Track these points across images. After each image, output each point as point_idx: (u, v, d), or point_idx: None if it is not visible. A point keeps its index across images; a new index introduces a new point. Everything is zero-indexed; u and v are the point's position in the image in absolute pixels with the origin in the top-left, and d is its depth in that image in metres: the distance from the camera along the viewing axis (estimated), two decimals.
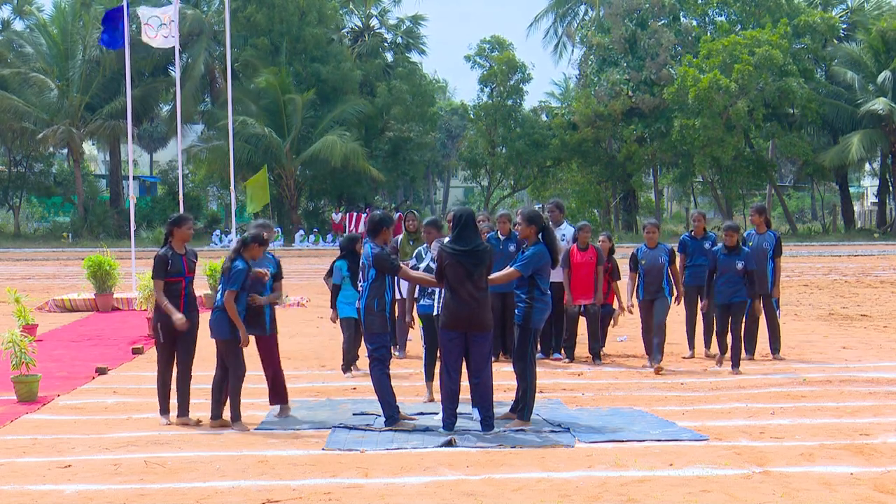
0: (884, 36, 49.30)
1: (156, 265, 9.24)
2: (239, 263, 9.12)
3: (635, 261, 12.68)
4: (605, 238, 13.33)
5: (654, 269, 12.46)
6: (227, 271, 9.11)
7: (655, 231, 12.77)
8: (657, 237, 12.78)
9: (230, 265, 9.12)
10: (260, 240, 9.28)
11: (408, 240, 13.32)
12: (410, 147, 54.31)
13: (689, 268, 13.12)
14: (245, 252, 9.20)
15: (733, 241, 12.00)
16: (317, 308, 19.71)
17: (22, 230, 53.54)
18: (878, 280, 25.73)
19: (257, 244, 9.26)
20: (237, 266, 9.09)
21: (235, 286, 9.04)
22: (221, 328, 9.08)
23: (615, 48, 51.63)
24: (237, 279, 9.05)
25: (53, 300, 19.77)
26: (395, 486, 7.09)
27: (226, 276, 9.12)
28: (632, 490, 6.91)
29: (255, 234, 9.29)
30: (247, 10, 51.51)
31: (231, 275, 9.06)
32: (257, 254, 9.30)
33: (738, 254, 11.98)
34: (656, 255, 12.54)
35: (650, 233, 12.74)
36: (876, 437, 8.43)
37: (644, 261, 12.55)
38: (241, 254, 9.20)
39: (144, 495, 6.94)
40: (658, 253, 12.56)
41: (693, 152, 47.99)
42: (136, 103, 46.34)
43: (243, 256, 9.19)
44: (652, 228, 12.82)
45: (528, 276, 9.00)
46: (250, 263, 9.21)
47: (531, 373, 8.99)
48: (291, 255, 39.02)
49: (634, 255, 12.73)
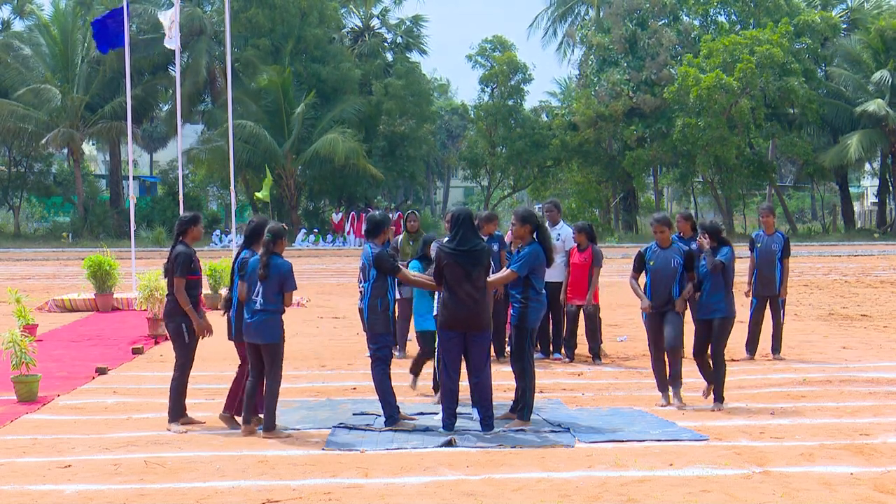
0: (882, 35, 49.27)
1: (181, 262, 9.06)
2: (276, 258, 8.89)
3: (642, 261, 10.21)
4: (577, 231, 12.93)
5: (666, 274, 9.98)
6: (287, 271, 8.80)
7: (666, 229, 10.17)
8: (670, 235, 10.27)
9: (271, 262, 8.80)
10: (283, 232, 9.05)
11: (408, 240, 13.32)
12: (407, 143, 54.28)
13: None
14: (276, 248, 8.89)
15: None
16: (317, 308, 19.72)
17: (22, 230, 53.52)
18: (878, 280, 25.72)
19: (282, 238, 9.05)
20: (284, 264, 8.86)
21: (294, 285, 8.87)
22: (273, 332, 8.80)
23: (615, 48, 51.63)
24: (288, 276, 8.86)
25: (53, 300, 19.77)
26: (395, 486, 7.09)
27: (286, 276, 8.81)
28: (632, 490, 6.91)
29: (277, 228, 8.97)
30: (249, 11, 51.53)
31: (287, 273, 8.81)
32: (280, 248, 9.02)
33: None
34: (668, 257, 10.02)
35: (660, 232, 10.09)
36: (876, 437, 8.43)
37: (653, 261, 10.07)
38: (274, 250, 8.89)
39: (144, 495, 6.94)
40: (671, 254, 10.04)
41: (695, 152, 47.99)
42: (136, 103, 46.40)
43: (276, 252, 8.91)
44: (660, 227, 10.10)
45: (524, 276, 9.01)
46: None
47: (530, 373, 8.99)
48: (291, 256, 38.85)
49: (641, 255, 10.27)
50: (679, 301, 9.87)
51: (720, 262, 9.86)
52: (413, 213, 13.79)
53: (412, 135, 54.21)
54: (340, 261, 36.73)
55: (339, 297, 21.80)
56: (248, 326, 8.78)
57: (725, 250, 9.91)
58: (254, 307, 8.77)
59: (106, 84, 50.53)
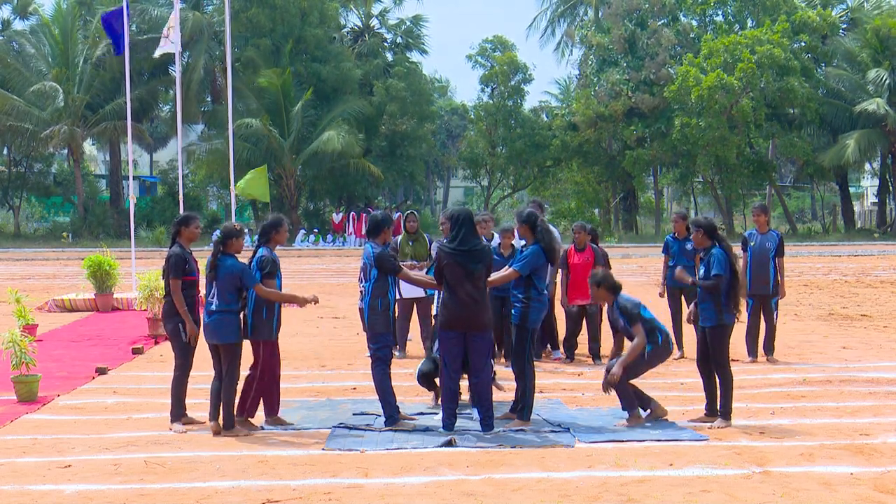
0: (879, 35, 49.24)
1: (175, 264, 9.06)
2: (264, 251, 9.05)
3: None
4: (578, 229, 13.00)
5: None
6: (240, 270, 8.86)
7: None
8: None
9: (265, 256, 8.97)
10: (235, 233, 9.05)
11: (407, 240, 13.32)
12: (407, 143, 54.29)
13: (672, 269, 13.08)
14: (227, 248, 9.00)
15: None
16: (317, 308, 19.67)
17: (22, 230, 53.51)
18: (878, 280, 25.72)
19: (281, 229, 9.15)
20: (236, 265, 8.93)
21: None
22: (229, 332, 8.90)
23: (615, 48, 51.64)
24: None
25: (53, 300, 19.76)
26: (395, 486, 7.09)
27: (239, 275, 8.88)
28: (632, 490, 6.91)
29: (229, 228, 9.04)
30: (249, 11, 51.54)
31: (240, 272, 8.88)
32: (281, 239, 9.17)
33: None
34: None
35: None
36: (876, 437, 8.43)
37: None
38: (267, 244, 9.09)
39: (144, 495, 6.95)
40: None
41: (696, 152, 47.98)
42: (137, 104, 46.41)
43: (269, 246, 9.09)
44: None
45: (526, 275, 9.01)
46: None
47: (530, 373, 8.99)
48: (291, 256, 39.00)
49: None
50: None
51: (711, 281, 9.21)
52: (412, 213, 13.78)
53: (412, 134, 54.22)
54: (340, 261, 36.73)
55: (339, 297, 21.79)
56: (206, 327, 8.91)
57: (717, 253, 9.22)
58: (210, 307, 8.88)
59: (107, 83, 50.53)
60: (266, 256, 9.02)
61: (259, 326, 8.95)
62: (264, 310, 8.93)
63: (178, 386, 9.14)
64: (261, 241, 9.18)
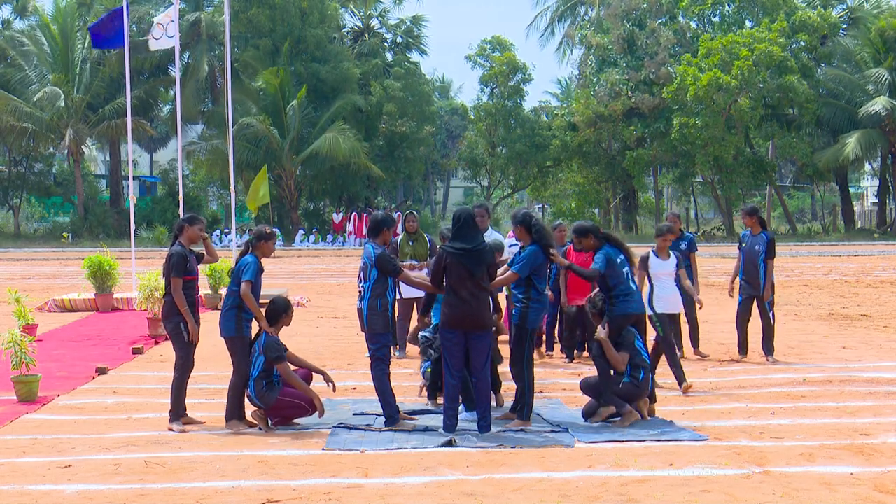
0: (882, 35, 49.23)
1: (176, 262, 9.09)
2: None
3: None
4: (562, 227, 13.06)
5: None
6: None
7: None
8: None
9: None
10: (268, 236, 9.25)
11: (407, 240, 13.31)
12: (406, 144, 54.30)
13: None
14: (256, 250, 9.17)
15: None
16: (317, 308, 19.72)
17: (22, 230, 53.53)
18: (878, 280, 25.72)
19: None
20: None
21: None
22: (227, 326, 9.05)
23: (614, 48, 51.64)
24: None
25: (53, 300, 19.77)
26: (395, 486, 7.09)
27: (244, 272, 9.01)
28: (632, 490, 6.91)
29: (259, 231, 9.26)
30: (249, 11, 51.55)
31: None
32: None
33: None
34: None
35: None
36: (876, 437, 8.43)
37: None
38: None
39: (144, 495, 6.95)
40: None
41: (694, 152, 47.98)
42: (137, 103, 46.40)
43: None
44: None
45: (526, 276, 9.01)
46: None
47: (529, 373, 8.99)
48: (291, 256, 39.01)
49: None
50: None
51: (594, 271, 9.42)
52: (412, 213, 13.75)
53: (412, 135, 54.24)
54: (340, 261, 36.72)
55: (339, 297, 21.80)
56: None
57: (598, 256, 9.45)
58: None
59: (107, 83, 50.54)
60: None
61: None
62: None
63: (178, 386, 9.15)
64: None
